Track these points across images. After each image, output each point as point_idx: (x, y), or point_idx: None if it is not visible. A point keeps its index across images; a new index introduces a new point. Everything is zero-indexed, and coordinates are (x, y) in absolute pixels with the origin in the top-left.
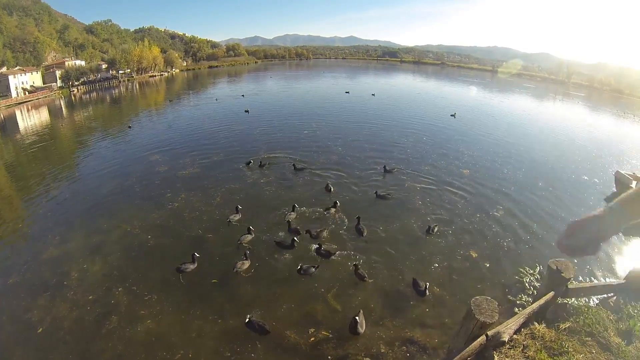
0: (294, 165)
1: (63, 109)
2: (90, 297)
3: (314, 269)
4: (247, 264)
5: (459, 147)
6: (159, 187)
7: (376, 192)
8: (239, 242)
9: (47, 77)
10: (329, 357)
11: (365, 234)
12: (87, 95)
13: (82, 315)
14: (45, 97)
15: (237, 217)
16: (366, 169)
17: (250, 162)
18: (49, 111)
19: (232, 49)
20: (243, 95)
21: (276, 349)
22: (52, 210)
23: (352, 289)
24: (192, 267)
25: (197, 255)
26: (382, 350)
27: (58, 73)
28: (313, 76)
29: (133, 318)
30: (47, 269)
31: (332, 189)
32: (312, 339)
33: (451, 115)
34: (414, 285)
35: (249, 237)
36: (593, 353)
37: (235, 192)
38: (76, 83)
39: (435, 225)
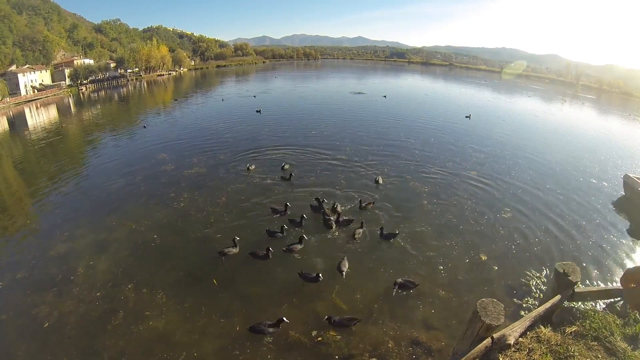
0: (282, 166)
1: (71, 107)
2: (97, 293)
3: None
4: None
5: (466, 148)
6: (165, 186)
7: (360, 202)
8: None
9: (56, 75)
10: (336, 357)
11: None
12: (96, 94)
13: (88, 311)
14: (54, 95)
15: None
16: (372, 171)
17: (249, 167)
18: (58, 109)
19: (240, 49)
20: (255, 96)
21: (283, 348)
22: (60, 207)
23: (356, 288)
24: (234, 250)
25: (238, 238)
26: (388, 351)
27: (67, 71)
28: (321, 76)
29: (138, 315)
30: (55, 265)
31: (337, 208)
32: (320, 338)
33: (466, 117)
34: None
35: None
36: (599, 358)
37: (241, 192)
38: (85, 81)
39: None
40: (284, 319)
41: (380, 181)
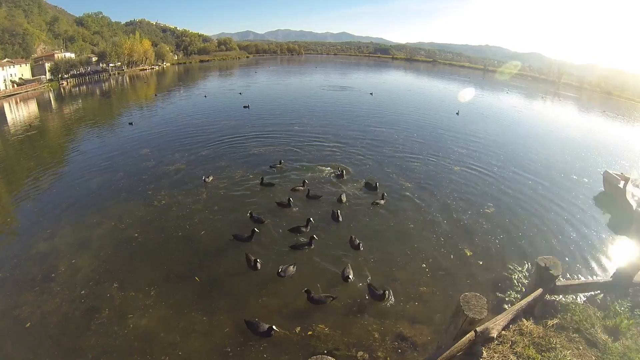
0: (262, 179)
1: (52, 102)
2: (79, 292)
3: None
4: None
5: (450, 144)
6: (147, 182)
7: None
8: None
9: (36, 69)
10: (325, 352)
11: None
12: (77, 89)
13: (71, 310)
14: (34, 90)
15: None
16: (360, 167)
17: (206, 179)
18: (38, 104)
19: (223, 44)
20: (240, 93)
21: (270, 344)
22: (41, 205)
23: (341, 285)
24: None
25: (312, 221)
26: (374, 345)
27: (47, 65)
28: (305, 72)
29: (121, 314)
30: (36, 264)
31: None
32: (310, 332)
33: (456, 114)
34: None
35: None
36: (580, 349)
37: (221, 187)
38: (66, 76)
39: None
40: (274, 327)
41: (344, 199)
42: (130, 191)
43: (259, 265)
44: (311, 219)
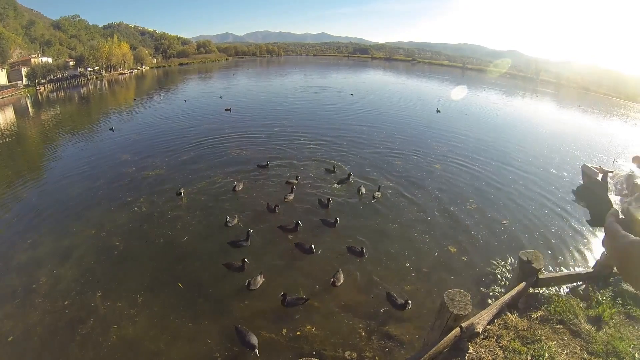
0: (234, 186)
1: (29, 108)
2: (62, 303)
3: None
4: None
5: (430, 142)
6: (128, 189)
7: (327, 200)
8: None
9: (12, 75)
10: (314, 353)
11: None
12: (54, 94)
13: (54, 322)
14: (10, 96)
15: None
16: (342, 166)
17: (179, 192)
18: (15, 110)
19: (202, 46)
20: (221, 97)
21: (259, 348)
22: (20, 214)
23: (326, 285)
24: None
25: (301, 223)
26: (360, 344)
27: (24, 71)
28: (285, 73)
29: (106, 324)
30: (16, 275)
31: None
32: (298, 332)
33: (437, 111)
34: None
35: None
36: (565, 340)
37: (201, 192)
38: (43, 81)
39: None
40: (256, 351)
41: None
42: (111, 198)
43: (245, 266)
44: (299, 222)
